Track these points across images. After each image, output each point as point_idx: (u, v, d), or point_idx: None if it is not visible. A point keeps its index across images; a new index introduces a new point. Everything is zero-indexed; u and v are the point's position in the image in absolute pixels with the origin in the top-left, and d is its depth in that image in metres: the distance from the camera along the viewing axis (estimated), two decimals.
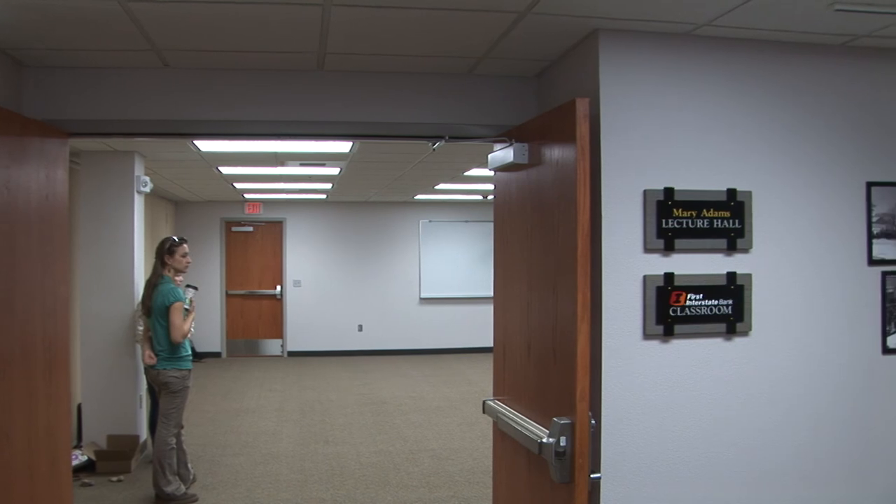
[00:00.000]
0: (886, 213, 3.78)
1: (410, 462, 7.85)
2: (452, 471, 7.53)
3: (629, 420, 3.46)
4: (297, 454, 8.15)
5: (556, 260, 3.41)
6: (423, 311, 15.92)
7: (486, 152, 4.29)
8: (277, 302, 15.66)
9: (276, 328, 15.66)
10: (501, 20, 3.38)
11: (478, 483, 7.04)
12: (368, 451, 8.26)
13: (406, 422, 9.71)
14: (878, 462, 3.80)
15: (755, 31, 3.51)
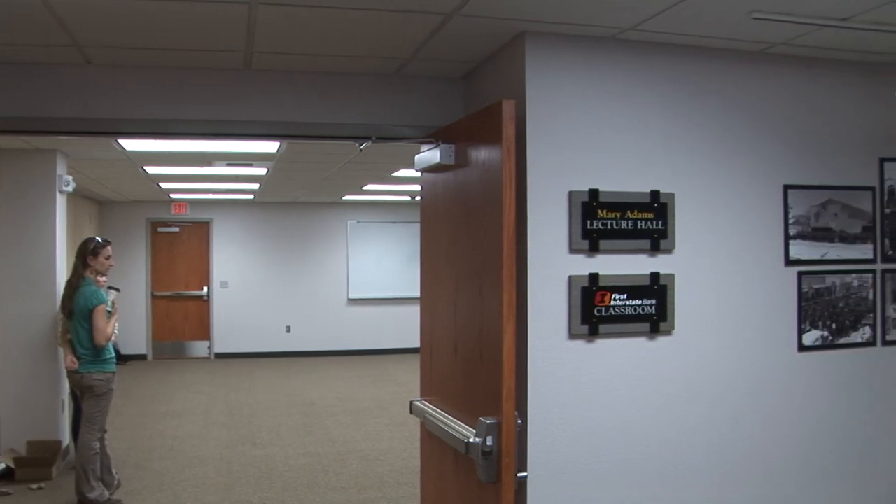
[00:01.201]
0: (802, 215, 3.88)
1: (339, 463, 7.81)
2: (381, 472, 7.52)
3: (555, 419, 3.49)
4: (225, 457, 8.04)
5: (482, 260, 3.42)
6: (352, 312, 15.86)
7: (413, 153, 4.29)
8: (204, 303, 15.44)
9: (202, 330, 15.44)
10: (429, 21, 3.38)
11: (406, 483, 7.04)
12: (297, 453, 8.20)
13: (335, 423, 9.67)
14: (793, 458, 3.90)
15: (678, 36, 3.57)
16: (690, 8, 3.19)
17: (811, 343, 3.90)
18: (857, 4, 3.17)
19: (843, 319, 3.97)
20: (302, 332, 15.64)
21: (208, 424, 9.59)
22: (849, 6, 3.20)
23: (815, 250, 3.91)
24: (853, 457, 4.03)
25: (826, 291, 3.93)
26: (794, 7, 3.20)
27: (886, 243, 4.07)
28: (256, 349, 15.36)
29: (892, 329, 4.07)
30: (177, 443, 8.62)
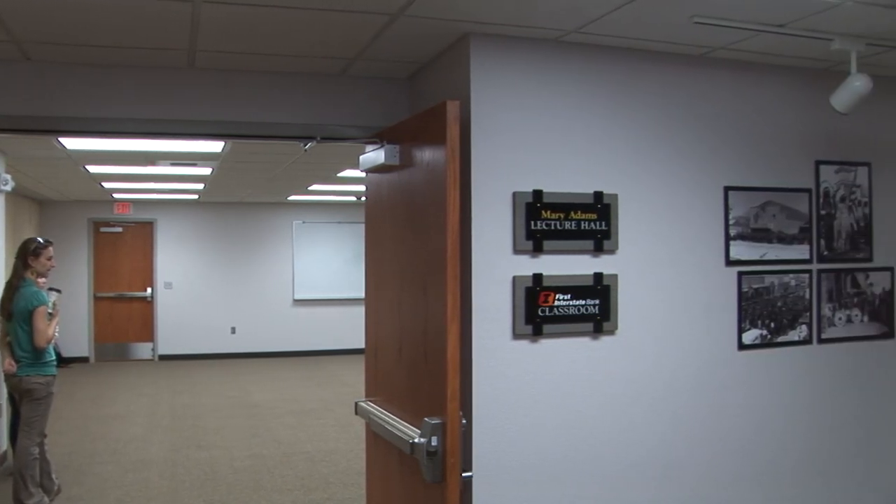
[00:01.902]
0: (742, 216, 3.95)
1: (284, 465, 7.76)
2: (327, 473, 7.48)
3: (500, 419, 3.50)
4: (169, 460, 7.94)
5: (427, 261, 3.43)
6: (297, 313, 15.78)
7: (358, 153, 4.27)
8: (148, 304, 15.22)
9: (146, 331, 15.23)
10: (374, 22, 3.37)
11: (352, 484, 7.02)
12: (242, 455, 8.12)
13: (280, 424, 9.60)
14: (733, 455, 3.97)
15: (621, 39, 3.61)
16: (633, 12, 3.23)
17: (750, 342, 3.98)
18: (792, 12, 3.25)
19: (781, 318, 4.05)
20: (247, 333, 15.52)
21: (152, 427, 9.46)
22: (785, 14, 3.27)
23: (754, 251, 3.98)
24: (792, 453, 4.12)
25: (765, 291, 4.01)
26: (734, 13, 3.26)
27: (822, 244, 4.16)
28: (201, 350, 15.19)
29: (827, 327, 4.17)
30: (119, 446, 8.49)
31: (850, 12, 3.25)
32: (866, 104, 3.73)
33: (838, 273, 4.21)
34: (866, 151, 4.31)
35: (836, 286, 4.20)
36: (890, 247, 4.38)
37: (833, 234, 4.19)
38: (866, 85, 3.59)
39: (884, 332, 4.34)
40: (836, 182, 4.21)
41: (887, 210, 4.37)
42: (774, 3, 3.14)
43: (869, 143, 4.32)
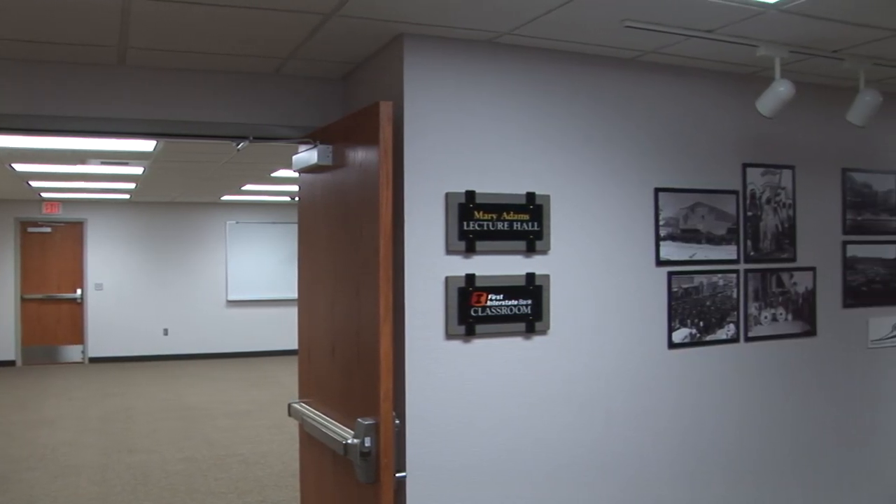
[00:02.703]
0: (671, 217, 4.02)
1: (218, 468, 7.68)
2: (261, 475, 7.42)
3: (433, 419, 3.51)
4: (99, 465, 7.80)
5: (360, 261, 3.42)
6: (231, 314, 15.62)
7: (292, 153, 4.25)
8: (78, 306, 14.91)
9: (76, 333, 14.91)
10: (307, 21, 3.35)
11: (287, 486, 6.98)
12: (174, 459, 8.01)
13: (214, 427, 9.49)
14: (665, 453, 4.04)
15: (554, 41, 3.64)
16: (566, 15, 3.26)
17: (680, 340, 4.05)
18: (720, 19, 3.31)
19: (709, 317, 4.13)
20: (180, 335, 15.30)
21: (81, 431, 9.27)
22: (713, 20, 3.33)
23: (683, 251, 4.05)
24: (722, 449, 4.20)
25: (694, 291, 4.08)
26: (664, 17, 3.31)
27: (748, 244, 4.25)
28: (133, 353, 14.96)
29: (754, 326, 4.26)
30: (48, 451, 8.31)
31: (774, 20, 3.33)
32: (790, 109, 3.82)
33: (764, 273, 4.31)
34: (790, 155, 4.42)
35: (762, 286, 4.30)
36: (812, 247, 4.50)
37: (759, 234, 4.29)
38: (789, 90, 3.68)
39: (806, 330, 4.46)
40: (762, 184, 4.31)
41: (810, 211, 4.49)
42: (703, 9, 3.20)
43: (793, 146, 4.43)
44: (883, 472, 4.81)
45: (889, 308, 4.79)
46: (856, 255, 4.65)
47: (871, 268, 4.71)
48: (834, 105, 4.29)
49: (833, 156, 4.59)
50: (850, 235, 4.65)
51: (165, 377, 13.24)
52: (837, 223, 4.62)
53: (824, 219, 4.56)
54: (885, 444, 4.81)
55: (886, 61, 3.98)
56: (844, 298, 4.62)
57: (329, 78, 4.24)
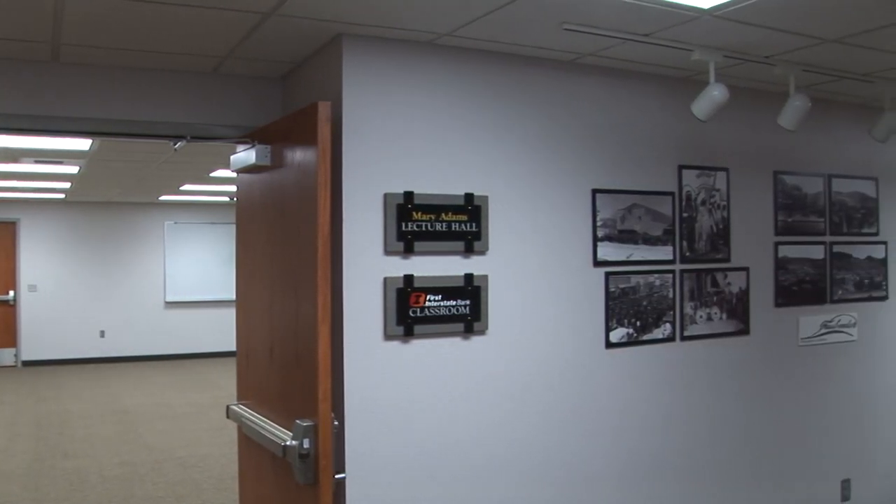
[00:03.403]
0: (609, 218, 4.07)
1: (156, 472, 7.56)
2: (200, 478, 7.33)
3: (372, 419, 3.50)
4: (33, 471, 7.62)
5: (298, 262, 3.41)
6: (170, 316, 15.40)
7: (231, 153, 4.21)
8: (10, 308, 14.55)
9: (8, 336, 14.55)
10: (246, 20, 3.32)
11: (226, 489, 6.90)
12: (111, 464, 7.87)
13: (151, 430, 9.35)
14: (602, 451, 4.08)
15: (494, 43, 3.67)
16: (505, 16, 3.28)
17: (617, 340, 4.10)
18: (656, 23, 3.37)
19: (646, 317, 4.19)
20: (117, 337, 15.04)
21: (14, 437, 9.05)
22: (649, 24, 3.39)
23: (620, 252, 4.10)
24: (658, 447, 4.26)
25: (631, 291, 4.14)
26: (602, 21, 3.36)
27: (684, 245, 4.32)
28: (68, 355, 14.65)
29: (689, 325, 4.34)
30: None
31: (709, 26, 3.40)
32: (724, 112, 3.90)
33: (699, 273, 4.39)
34: (725, 157, 4.51)
35: (698, 286, 4.37)
36: (746, 248, 4.59)
37: (694, 235, 4.36)
38: (723, 94, 3.75)
39: (740, 329, 4.55)
40: (698, 186, 4.38)
41: (743, 213, 4.58)
42: (640, 13, 3.25)
43: (727, 149, 4.52)
44: (815, 467, 4.93)
45: (818, 307, 4.92)
46: (787, 256, 4.76)
47: (801, 268, 4.82)
48: (766, 109, 4.39)
49: (765, 158, 4.70)
50: (781, 236, 4.76)
51: (102, 380, 13.00)
52: (770, 224, 4.72)
53: (757, 220, 4.66)
54: (816, 439, 4.93)
55: (815, 68, 4.08)
56: (776, 298, 4.73)
57: (268, 77, 4.21)
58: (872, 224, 5.21)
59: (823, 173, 4.97)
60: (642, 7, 3.17)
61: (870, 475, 5.19)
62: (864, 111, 5.00)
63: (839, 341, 5.02)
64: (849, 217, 5.08)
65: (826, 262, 4.96)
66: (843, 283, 5.04)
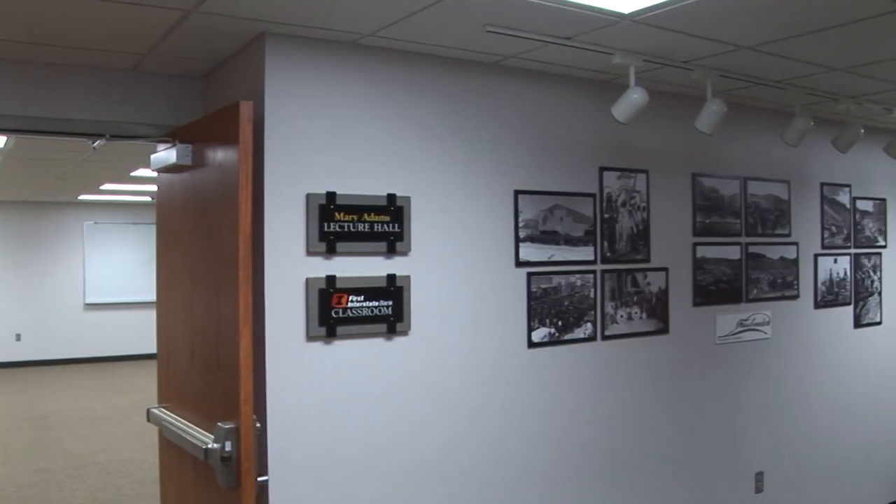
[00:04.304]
0: (531, 219, 4.12)
1: (75, 479, 7.40)
2: (121, 484, 7.20)
3: (295, 421, 3.48)
4: None
5: (219, 263, 3.37)
6: (89, 318, 15.07)
7: (152, 152, 4.14)
8: None
9: None
10: (167, 17, 3.27)
11: (148, 495, 6.79)
12: (27, 471, 7.67)
13: (70, 435, 9.14)
14: (525, 450, 4.12)
15: (417, 44, 3.68)
16: (428, 18, 3.30)
17: (539, 340, 4.14)
18: (577, 27, 3.42)
19: (568, 317, 4.24)
20: (34, 340, 14.66)
21: None
22: (571, 27, 3.44)
23: (542, 252, 4.15)
24: (580, 446, 4.32)
25: (553, 291, 4.19)
26: (524, 24, 3.39)
27: (605, 245, 4.40)
28: None
29: (610, 324, 4.41)
30: None
31: (628, 30, 3.47)
32: (644, 115, 3.97)
33: (620, 273, 4.46)
34: (644, 159, 4.60)
35: (618, 286, 4.45)
36: (665, 248, 4.69)
37: (615, 236, 4.44)
38: (643, 97, 3.82)
39: (660, 328, 4.64)
40: (618, 188, 4.46)
41: (662, 214, 4.67)
42: (561, 17, 3.29)
43: (647, 151, 4.61)
44: (731, 461, 5.06)
45: (734, 306, 5.05)
46: (704, 256, 4.87)
47: (718, 268, 4.95)
48: (684, 113, 4.49)
49: (684, 161, 4.80)
50: (699, 237, 4.87)
51: (18, 385, 12.67)
52: (688, 225, 4.83)
53: (676, 221, 4.76)
54: (732, 434, 5.06)
55: (731, 73, 4.19)
56: (694, 297, 4.84)
57: (189, 76, 4.16)
58: (785, 225, 5.37)
59: (739, 176, 5.11)
60: (564, 11, 3.21)
61: (781, 467, 5.35)
62: (777, 116, 5.16)
63: (754, 339, 5.16)
64: (763, 218, 5.23)
65: (742, 262, 5.09)
66: (758, 283, 5.18)
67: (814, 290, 5.57)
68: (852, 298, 5.87)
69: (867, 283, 5.99)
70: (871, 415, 6.04)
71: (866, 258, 5.99)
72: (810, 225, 5.58)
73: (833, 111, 5.13)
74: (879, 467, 6.11)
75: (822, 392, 5.63)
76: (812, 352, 5.57)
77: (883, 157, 5.46)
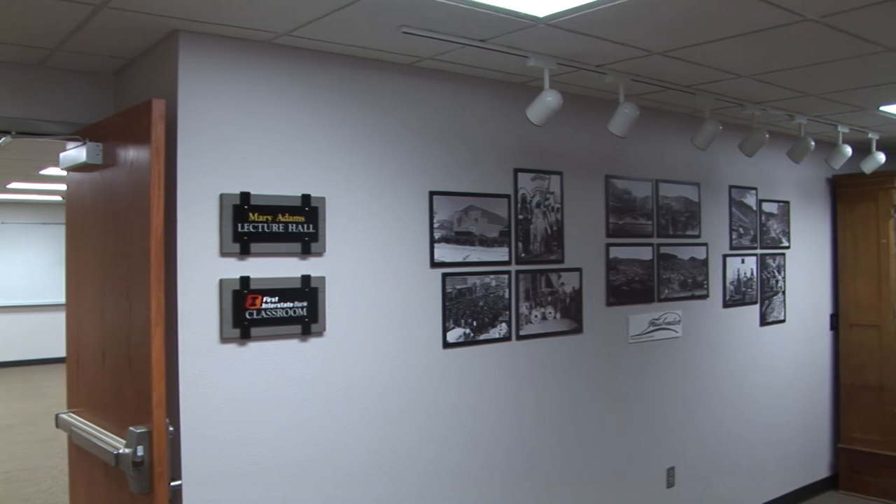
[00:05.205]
0: (446, 220, 4.14)
1: None
2: (28, 493, 7.00)
3: (209, 424, 3.44)
4: None
5: (131, 264, 3.31)
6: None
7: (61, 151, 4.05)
8: None
9: None
10: (76, 11, 3.19)
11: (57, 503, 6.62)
12: None
13: None
14: (442, 450, 4.15)
15: (333, 44, 3.67)
16: (343, 18, 3.29)
17: (455, 340, 4.17)
18: (493, 29, 3.46)
19: (482, 317, 4.28)
20: None
21: None
22: (486, 30, 3.47)
23: (457, 253, 4.18)
24: (498, 446, 4.36)
25: (468, 291, 4.22)
26: (440, 25, 3.41)
27: (520, 246, 4.45)
28: None
29: (525, 324, 4.46)
30: None
31: (544, 34, 3.52)
32: (558, 118, 4.04)
33: (534, 273, 4.52)
34: (559, 161, 4.67)
35: (533, 286, 4.51)
36: (579, 249, 4.77)
37: (530, 237, 4.50)
38: (557, 100, 3.88)
39: (574, 327, 4.72)
40: (533, 189, 4.52)
41: (576, 215, 4.75)
42: (476, 19, 3.32)
43: (561, 153, 4.68)
44: (644, 457, 5.17)
45: (646, 306, 5.16)
46: (617, 257, 4.97)
47: (630, 268, 5.05)
48: (598, 116, 4.58)
49: (597, 163, 4.89)
50: (612, 238, 4.97)
51: None
52: (601, 226, 4.92)
53: (589, 222, 4.85)
54: (644, 431, 5.17)
55: (643, 78, 4.29)
56: (608, 297, 4.93)
57: (101, 72, 4.07)
58: (695, 227, 5.51)
59: (651, 178, 5.22)
60: (480, 13, 3.25)
61: (691, 461, 5.49)
62: (687, 120, 5.30)
63: (665, 338, 5.29)
64: (674, 220, 5.36)
65: (654, 262, 5.21)
66: (670, 283, 5.31)
67: (722, 289, 5.74)
68: (758, 297, 6.06)
69: (772, 282, 6.19)
70: (776, 409, 6.26)
71: (771, 258, 6.18)
72: (719, 226, 5.74)
73: (740, 116, 5.30)
74: (781, 458, 6.32)
75: (729, 388, 5.81)
76: (720, 349, 5.73)
77: (786, 161, 5.65)
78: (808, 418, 6.61)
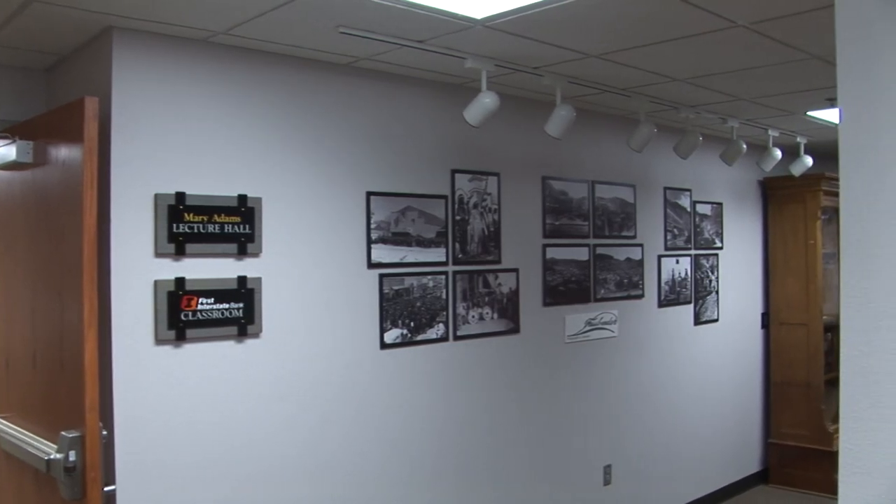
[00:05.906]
0: (383, 221, 4.14)
1: None
2: None
3: (144, 427, 3.39)
4: None
5: (62, 265, 3.25)
6: None
7: None
8: None
9: None
10: (5, 5, 3.12)
11: None
12: None
13: None
14: (379, 451, 4.16)
15: (270, 43, 3.65)
16: (280, 17, 3.28)
17: (392, 341, 4.18)
18: (430, 30, 3.48)
19: (420, 318, 4.29)
20: None
21: None
22: (424, 31, 3.49)
23: (394, 254, 4.19)
24: (435, 447, 4.39)
25: (405, 292, 4.23)
26: (377, 25, 3.42)
27: (457, 247, 4.47)
28: None
29: (462, 325, 4.49)
30: None
31: (481, 36, 3.54)
32: (496, 119, 4.07)
33: (472, 274, 4.55)
34: (496, 162, 4.70)
35: (470, 286, 4.53)
36: (516, 250, 4.81)
37: (467, 237, 4.52)
38: (494, 102, 3.91)
39: (511, 327, 4.76)
40: (470, 190, 4.54)
41: (513, 216, 4.79)
42: (414, 20, 3.33)
43: (498, 154, 4.72)
44: (581, 455, 5.23)
45: (582, 306, 5.23)
46: (554, 258, 5.02)
47: (567, 269, 5.11)
48: (535, 117, 4.62)
49: (534, 164, 4.94)
50: (549, 239, 5.02)
51: None
52: (538, 227, 4.96)
53: (526, 223, 4.89)
54: (581, 430, 5.24)
55: (579, 80, 4.34)
56: (544, 297, 4.98)
57: (32, 68, 3.99)
58: (631, 227, 5.60)
59: (588, 179, 5.29)
60: (417, 14, 3.26)
61: (627, 459, 5.58)
62: (623, 122, 5.37)
63: (601, 337, 5.36)
64: (610, 221, 5.43)
65: (590, 263, 5.28)
66: (606, 283, 5.38)
67: (657, 289, 5.84)
68: (692, 297, 6.18)
69: (706, 282, 6.31)
70: (710, 406, 6.39)
71: (705, 259, 6.31)
72: (654, 227, 5.83)
73: (675, 119, 5.39)
74: (715, 454, 6.45)
75: (665, 386, 5.91)
76: (656, 348, 5.83)
77: (719, 163, 5.77)
78: (740, 415, 6.76)
